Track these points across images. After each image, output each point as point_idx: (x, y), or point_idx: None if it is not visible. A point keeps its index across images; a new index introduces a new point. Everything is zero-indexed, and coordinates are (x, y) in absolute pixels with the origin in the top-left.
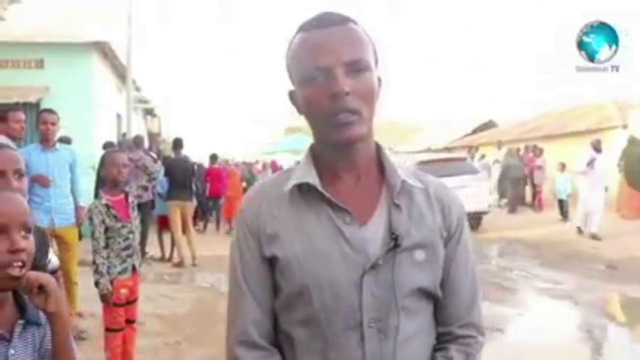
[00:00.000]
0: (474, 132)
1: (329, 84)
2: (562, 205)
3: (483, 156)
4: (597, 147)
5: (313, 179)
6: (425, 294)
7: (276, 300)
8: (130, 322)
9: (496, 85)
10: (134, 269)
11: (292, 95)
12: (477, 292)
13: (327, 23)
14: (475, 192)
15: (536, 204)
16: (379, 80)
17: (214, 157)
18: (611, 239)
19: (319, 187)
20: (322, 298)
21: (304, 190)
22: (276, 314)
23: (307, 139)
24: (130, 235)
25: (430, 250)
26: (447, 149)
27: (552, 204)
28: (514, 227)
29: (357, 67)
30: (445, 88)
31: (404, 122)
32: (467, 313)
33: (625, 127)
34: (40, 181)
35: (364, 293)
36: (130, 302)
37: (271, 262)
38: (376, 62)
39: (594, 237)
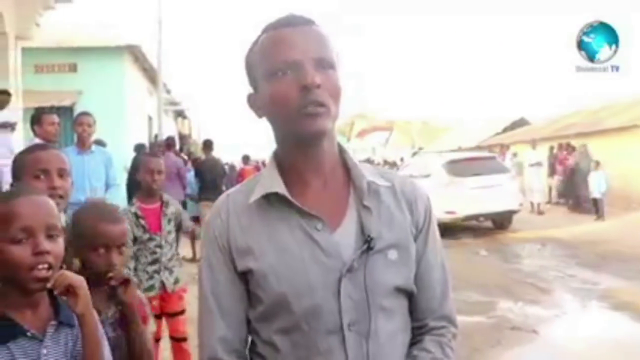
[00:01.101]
0: (505, 130)
1: (299, 76)
2: (597, 204)
3: (515, 154)
4: None
5: (281, 187)
6: (401, 292)
7: (254, 312)
8: (177, 339)
9: (528, 83)
10: (163, 285)
11: (250, 98)
12: (448, 284)
13: (294, 23)
14: (505, 190)
15: (571, 202)
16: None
17: (246, 158)
18: None
19: (288, 196)
20: (301, 305)
21: (271, 199)
22: (255, 325)
23: (341, 140)
24: (158, 250)
25: (403, 249)
26: (479, 148)
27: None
28: (548, 226)
29: (324, 64)
30: (476, 86)
31: (435, 122)
32: (440, 305)
33: None
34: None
35: (342, 297)
36: (171, 314)
37: (245, 276)
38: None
39: None
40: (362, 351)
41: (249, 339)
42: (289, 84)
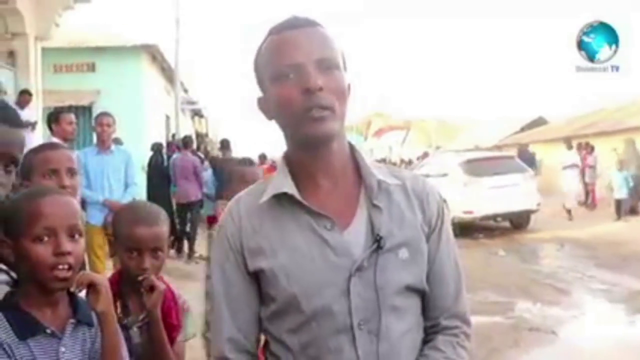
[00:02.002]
0: (523, 129)
1: (302, 79)
2: (620, 204)
3: (533, 154)
4: None
5: (290, 188)
6: (413, 291)
7: (266, 311)
8: None
9: (543, 82)
10: None
11: (260, 101)
12: (462, 282)
13: (296, 25)
14: (523, 190)
15: (589, 202)
16: (348, 86)
17: (262, 157)
18: None
19: (297, 196)
20: (311, 305)
21: (282, 200)
22: (267, 324)
23: (358, 139)
24: None
25: (414, 247)
26: (496, 147)
27: (606, 202)
28: (567, 226)
29: (327, 65)
30: (492, 85)
31: (453, 121)
32: (453, 304)
33: None
34: (112, 206)
35: (352, 296)
36: None
37: (257, 276)
38: (344, 68)
39: None
40: (373, 350)
41: (264, 338)
42: (292, 87)
